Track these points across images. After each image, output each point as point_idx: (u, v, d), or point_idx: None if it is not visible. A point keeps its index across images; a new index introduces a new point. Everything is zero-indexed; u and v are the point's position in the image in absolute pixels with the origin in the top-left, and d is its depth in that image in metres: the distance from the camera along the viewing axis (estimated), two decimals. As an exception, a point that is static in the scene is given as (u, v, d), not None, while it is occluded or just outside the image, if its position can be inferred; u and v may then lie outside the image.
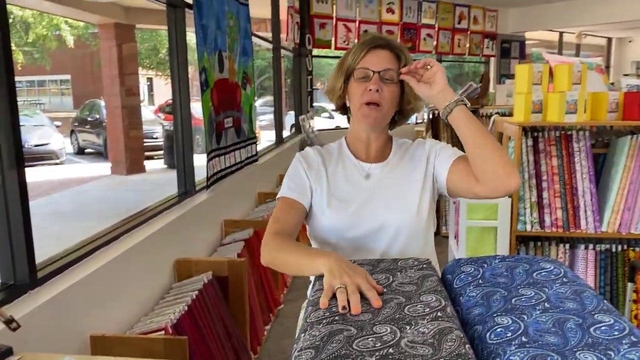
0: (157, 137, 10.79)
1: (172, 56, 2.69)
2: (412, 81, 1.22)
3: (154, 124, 11.36)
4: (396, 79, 1.26)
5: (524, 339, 0.75)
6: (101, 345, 1.70)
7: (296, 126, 6.48)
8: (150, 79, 20.40)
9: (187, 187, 2.77)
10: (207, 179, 2.88)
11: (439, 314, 0.82)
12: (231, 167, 3.29)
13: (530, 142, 2.48)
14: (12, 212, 1.48)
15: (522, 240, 2.58)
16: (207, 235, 2.91)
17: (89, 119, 11.75)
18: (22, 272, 1.50)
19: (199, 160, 2.89)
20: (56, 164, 10.04)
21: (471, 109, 1.22)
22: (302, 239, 1.69)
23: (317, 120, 7.45)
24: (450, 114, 1.19)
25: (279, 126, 5.51)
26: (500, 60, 9.30)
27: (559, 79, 2.45)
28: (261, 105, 12.56)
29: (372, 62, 1.26)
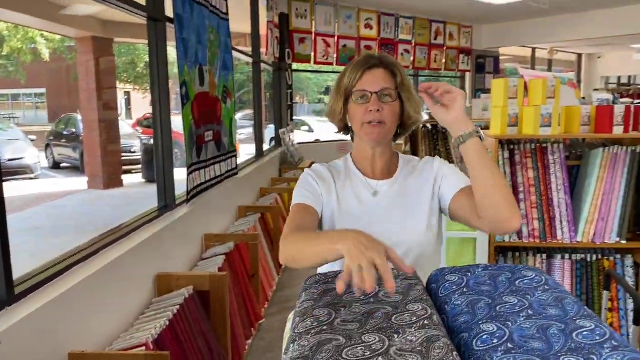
0: (135, 151, 10.66)
1: (152, 70, 2.68)
2: (429, 101, 1.20)
3: (132, 137, 11.23)
4: (395, 96, 1.28)
5: (510, 345, 0.77)
6: (80, 362, 1.66)
7: (276, 139, 6.49)
8: (128, 93, 20.21)
9: (167, 201, 2.74)
10: (188, 193, 2.86)
11: (425, 322, 0.84)
12: (211, 181, 3.28)
13: (506, 154, 2.53)
14: (-10, 226, 1.45)
15: (500, 250, 2.62)
16: (188, 249, 2.88)
17: (65, 132, 11.56)
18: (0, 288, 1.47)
19: (178, 174, 2.87)
20: (31, 179, 9.82)
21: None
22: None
23: (297, 133, 7.48)
24: (463, 144, 1.16)
25: (259, 139, 5.52)
26: (475, 75, 9.52)
27: (534, 93, 2.51)
28: (240, 118, 12.55)
29: (368, 83, 1.27)
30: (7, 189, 1.48)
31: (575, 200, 2.54)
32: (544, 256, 2.59)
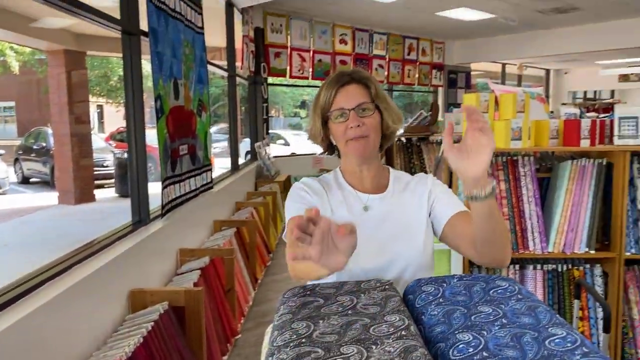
0: (107, 165, 10.50)
1: (127, 83, 2.65)
2: (449, 138, 1.01)
3: (104, 151, 11.05)
4: (372, 108, 1.28)
5: (485, 354, 0.79)
6: (51, 382, 1.62)
7: (252, 153, 6.48)
8: (100, 107, 19.91)
9: (141, 216, 2.71)
10: (162, 207, 2.83)
11: (403, 333, 0.84)
12: (186, 195, 3.25)
13: (480, 167, 2.58)
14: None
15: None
16: (163, 264, 2.84)
17: (35, 147, 11.30)
18: (-35, 307, 1.42)
19: (153, 188, 2.84)
20: (-2, 194, 9.57)
21: (422, 136, 1.24)
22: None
23: (273, 147, 7.48)
24: (474, 200, 1.05)
25: (234, 153, 5.50)
26: (447, 90, 9.72)
27: (504, 108, 2.58)
28: (215, 132, 12.49)
29: (344, 100, 1.28)
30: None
31: (545, 211, 2.60)
32: (517, 266, 2.63)
